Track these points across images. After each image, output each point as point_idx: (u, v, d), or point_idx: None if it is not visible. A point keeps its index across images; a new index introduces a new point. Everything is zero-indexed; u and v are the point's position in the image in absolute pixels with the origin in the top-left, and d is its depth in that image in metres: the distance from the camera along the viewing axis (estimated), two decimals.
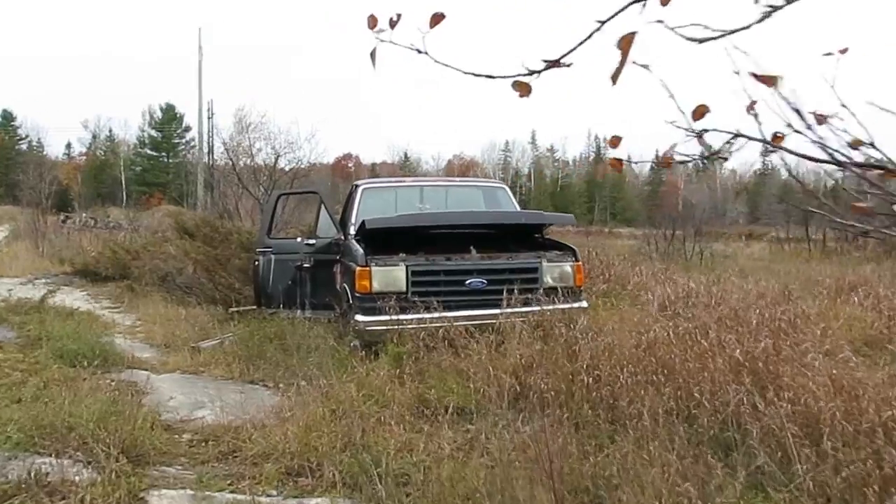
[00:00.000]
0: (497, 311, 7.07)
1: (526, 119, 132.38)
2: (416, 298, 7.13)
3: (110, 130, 72.15)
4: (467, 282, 7.33)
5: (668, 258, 19.51)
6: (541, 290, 7.42)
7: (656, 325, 6.14)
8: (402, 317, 7.02)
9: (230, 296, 9.91)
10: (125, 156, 70.24)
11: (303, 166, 15.38)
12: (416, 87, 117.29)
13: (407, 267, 7.27)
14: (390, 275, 7.27)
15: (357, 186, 9.17)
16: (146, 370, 7.36)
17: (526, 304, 7.13)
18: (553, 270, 7.55)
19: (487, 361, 6.17)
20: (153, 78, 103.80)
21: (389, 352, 6.74)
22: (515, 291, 7.08)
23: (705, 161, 1.78)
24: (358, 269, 7.28)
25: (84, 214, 36.12)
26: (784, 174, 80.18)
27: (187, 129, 66.87)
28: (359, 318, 7.22)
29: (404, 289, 7.25)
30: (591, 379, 5.26)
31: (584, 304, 7.59)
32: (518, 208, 9.25)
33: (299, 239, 8.88)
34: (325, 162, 16.30)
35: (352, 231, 8.54)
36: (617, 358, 5.54)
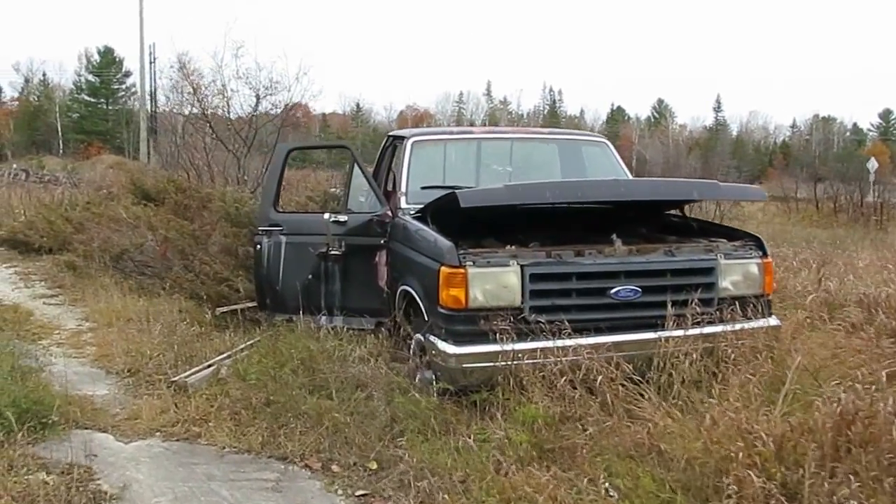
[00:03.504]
0: (657, 334, 4.56)
1: (481, 70, 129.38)
2: (535, 317, 4.53)
3: (44, 74, 67.75)
4: (613, 290, 4.72)
5: None
6: (716, 301, 4.86)
7: None
8: (517, 346, 4.42)
9: (216, 289, 7.10)
10: (61, 102, 66.09)
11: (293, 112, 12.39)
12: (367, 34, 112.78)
13: (522, 268, 4.61)
14: (499, 280, 4.63)
15: (403, 139, 6.41)
16: (105, 432, 4.62)
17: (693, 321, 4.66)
18: (734, 271, 4.98)
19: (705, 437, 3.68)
20: (90, 19, 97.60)
21: (519, 416, 4.14)
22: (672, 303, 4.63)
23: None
24: (445, 270, 4.61)
25: (14, 166, 32.38)
26: (734, 130, 79.97)
27: (127, 74, 63.92)
28: (447, 348, 4.58)
29: (519, 302, 4.61)
30: None
31: (775, 320, 5.06)
32: (627, 173, 6.62)
33: (327, 216, 6.08)
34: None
35: (403, 203, 5.85)
36: None
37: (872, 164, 33.80)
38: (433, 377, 4.90)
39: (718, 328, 4.71)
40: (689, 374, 4.51)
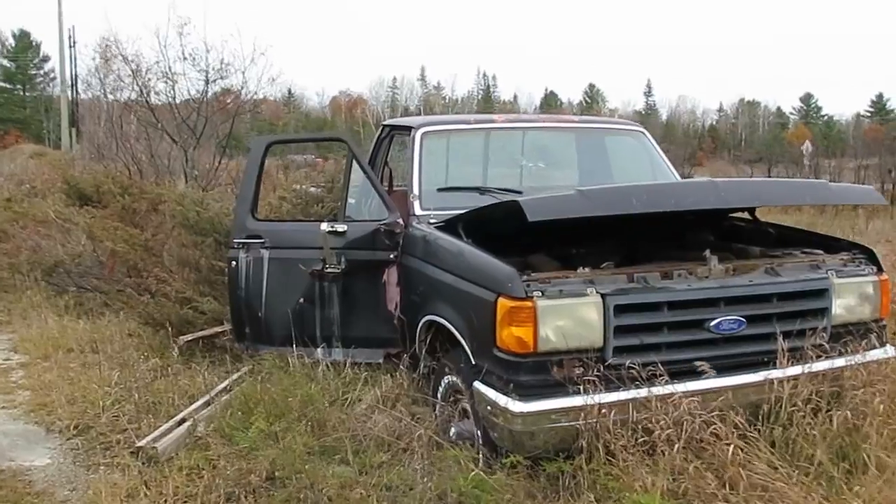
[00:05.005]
0: (766, 374, 3.70)
1: (415, 55, 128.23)
2: (621, 360, 3.52)
3: None
4: (713, 322, 3.71)
5: None
6: (829, 331, 3.91)
7: None
8: (602, 399, 3.39)
9: (178, 312, 5.87)
10: None
11: (253, 96, 10.98)
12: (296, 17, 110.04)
13: (604, 298, 3.56)
14: (575, 315, 3.56)
15: (408, 130, 5.29)
16: None
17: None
18: (848, 292, 4.03)
19: None
20: (3, 1, 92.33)
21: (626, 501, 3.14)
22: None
23: None
24: (506, 302, 3.53)
25: None
26: (664, 115, 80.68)
27: (45, 59, 61.82)
28: (510, 404, 3.50)
29: (601, 342, 3.56)
30: None
31: (893, 350, 4.14)
32: (669, 165, 5.63)
33: (325, 226, 4.89)
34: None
35: (417, 209, 4.77)
36: None
37: (807, 147, 33.97)
38: (477, 432, 3.86)
39: (840, 362, 3.79)
40: (818, 428, 3.58)
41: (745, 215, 4.96)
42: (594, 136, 6.03)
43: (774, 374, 3.71)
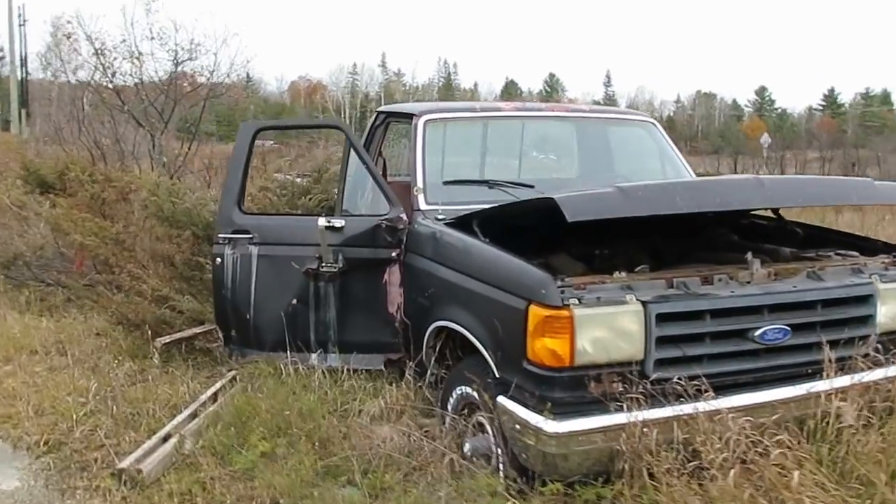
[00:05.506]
0: (812, 386, 3.42)
1: (375, 41, 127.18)
2: (664, 374, 3.21)
3: None
4: (758, 332, 3.41)
5: None
6: (873, 339, 3.65)
7: None
8: (645, 416, 3.08)
9: (155, 312, 5.42)
10: None
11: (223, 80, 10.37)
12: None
13: (645, 305, 3.24)
14: (614, 325, 3.24)
15: (408, 118, 4.91)
16: None
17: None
18: (891, 297, 3.76)
19: None
20: None
21: None
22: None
23: None
24: (538, 311, 3.20)
25: None
26: (623, 105, 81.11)
27: None
28: (543, 423, 3.17)
29: (641, 354, 3.24)
30: None
31: None
32: (682, 160, 5.33)
33: (322, 221, 4.48)
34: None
35: (421, 203, 4.41)
36: None
37: (766, 140, 34.34)
38: (496, 449, 3.54)
39: (893, 372, 3.54)
40: (870, 444, 3.32)
41: (768, 212, 4.70)
42: (599, 126, 5.70)
43: (820, 386, 3.44)
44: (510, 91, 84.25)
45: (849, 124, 68.04)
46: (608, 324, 3.23)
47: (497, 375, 3.48)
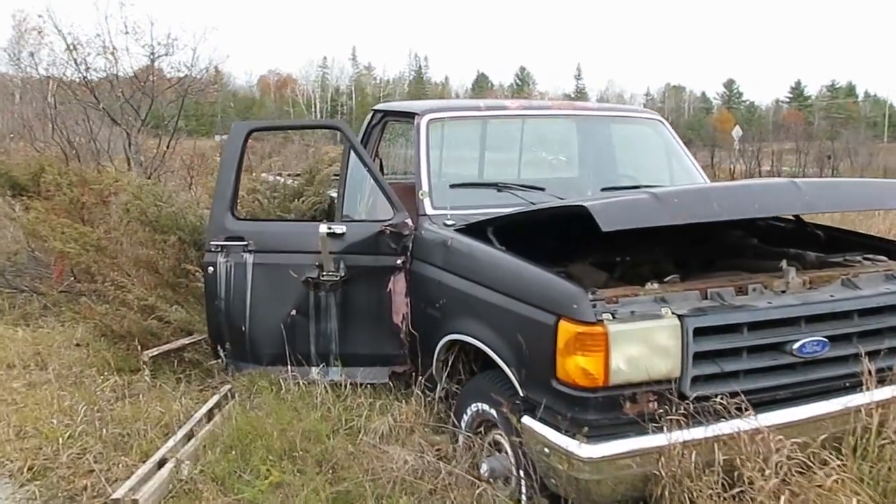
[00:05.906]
0: (852, 399, 3.26)
1: (345, 35, 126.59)
2: (702, 391, 3.02)
3: None
4: (796, 345, 3.23)
5: None
6: None
7: None
8: (684, 437, 2.87)
9: (142, 323, 5.13)
10: None
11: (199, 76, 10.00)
12: None
13: (682, 319, 3.04)
14: (650, 341, 3.03)
15: (410, 117, 4.66)
16: None
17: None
18: None
19: None
20: None
21: None
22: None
23: None
24: (570, 327, 2.99)
25: None
26: (593, 98, 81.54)
27: None
28: (575, 448, 2.96)
29: (678, 371, 3.04)
30: None
31: None
32: (692, 159, 5.15)
33: (323, 228, 4.22)
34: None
35: (427, 207, 4.19)
36: None
37: (738, 133, 34.47)
38: (517, 472, 3.34)
39: None
40: None
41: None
42: (602, 124, 5.48)
43: (859, 399, 3.27)
44: (481, 85, 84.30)
45: (815, 116, 68.99)
46: (644, 340, 3.02)
47: (522, 394, 3.26)
